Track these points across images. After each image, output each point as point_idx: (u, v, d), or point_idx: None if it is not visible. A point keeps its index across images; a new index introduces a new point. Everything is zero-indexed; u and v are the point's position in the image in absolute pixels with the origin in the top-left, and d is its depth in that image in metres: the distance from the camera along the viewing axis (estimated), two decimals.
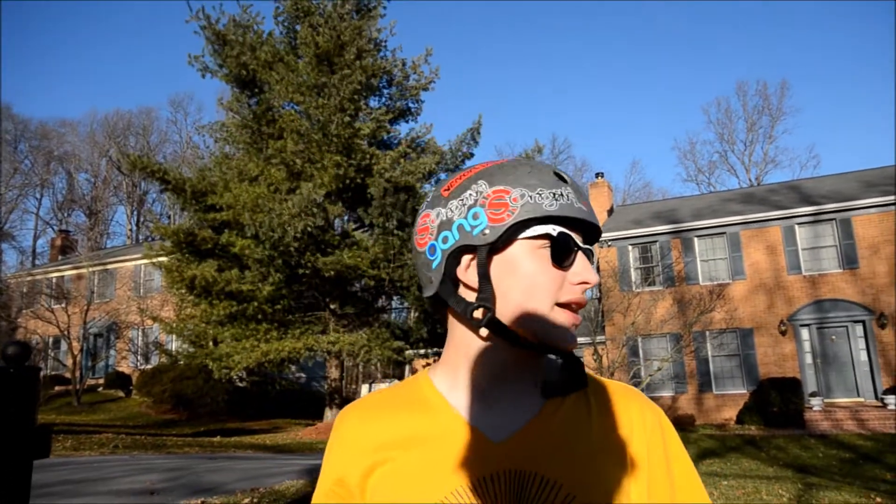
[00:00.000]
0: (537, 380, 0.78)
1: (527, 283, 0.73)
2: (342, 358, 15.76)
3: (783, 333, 16.76)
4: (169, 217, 38.97)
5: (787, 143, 52.06)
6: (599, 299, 17.56)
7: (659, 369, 12.40)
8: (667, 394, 17.53)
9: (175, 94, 64.68)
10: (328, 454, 0.81)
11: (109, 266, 27.02)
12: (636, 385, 13.21)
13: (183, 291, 15.04)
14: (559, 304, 0.73)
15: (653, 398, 17.38)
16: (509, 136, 70.89)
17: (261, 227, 13.07)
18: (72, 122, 47.76)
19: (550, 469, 0.72)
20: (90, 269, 26.54)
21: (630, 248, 18.86)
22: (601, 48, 68.93)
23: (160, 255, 15.47)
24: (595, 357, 12.18)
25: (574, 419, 0.77)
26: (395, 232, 14.13)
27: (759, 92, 44.76)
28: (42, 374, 23.90)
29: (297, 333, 14.29)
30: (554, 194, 0.74)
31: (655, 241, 18.57)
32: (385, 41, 16.65)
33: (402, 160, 14.81)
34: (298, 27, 15.89)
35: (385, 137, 16.37)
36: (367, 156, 14.52)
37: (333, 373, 16.22)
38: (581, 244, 0.76)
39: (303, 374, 24.08)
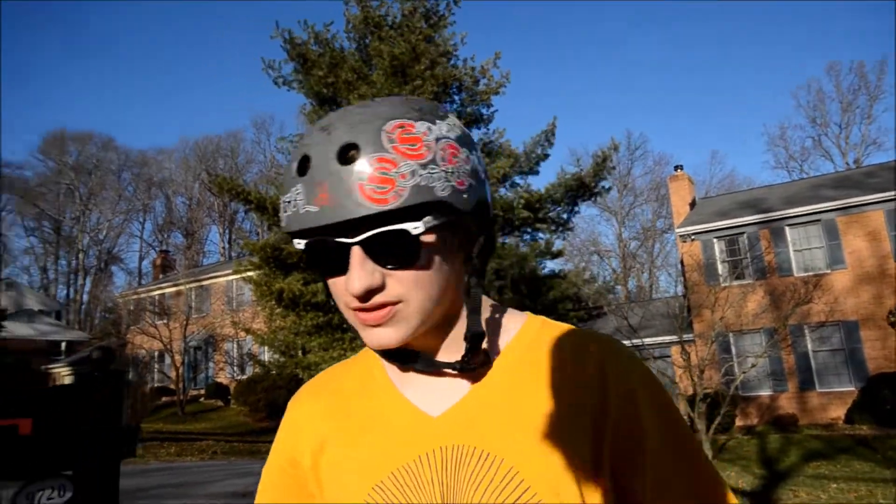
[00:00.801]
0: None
1: (330, 288, 0.71)
2: None
3: (893, 325, 15.54)
4: (258, 234, 40.77)
5: (889, 123, 48.47)
6: (685, 295, 16.90)
7: (753, 366, 11.75)
8: (765, 392, 16.62)
9: (257, 116, 67.90)
10: (279, 434, 0.83)
11: (204, 282, 28.56)
12: (728, 384, 12.61)
13: (272, 304, 15.66)
14: (354, 308, 0.68)
15: (749, 398, 16.58)
16: (583, 134, 69.68)
17: None
18: (167, 150, 50.81)
19: (490, 442, 0.69)
20: (188, 286, 28.13)
21: (715, 241, 18.06)
22: (675, 38, 66.64)
23: (249, 271, 16.20)
24: (683, 355, 11.72)
25: (520, 385, 0.73)
26: None
27: (854, 70, 41.95)
28: (150, 386, 25.50)
29: None
30: (286, 204, 0.67)
31: (742, 233, 17.70)
32: (456, 49, 16.79)
33: None
34: (368, 40, 16.26)
35: None
36: None
37: None
38: (349, 240, 0.65)
39: None
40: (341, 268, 0.67)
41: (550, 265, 16.65)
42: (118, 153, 46.85)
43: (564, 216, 16.53)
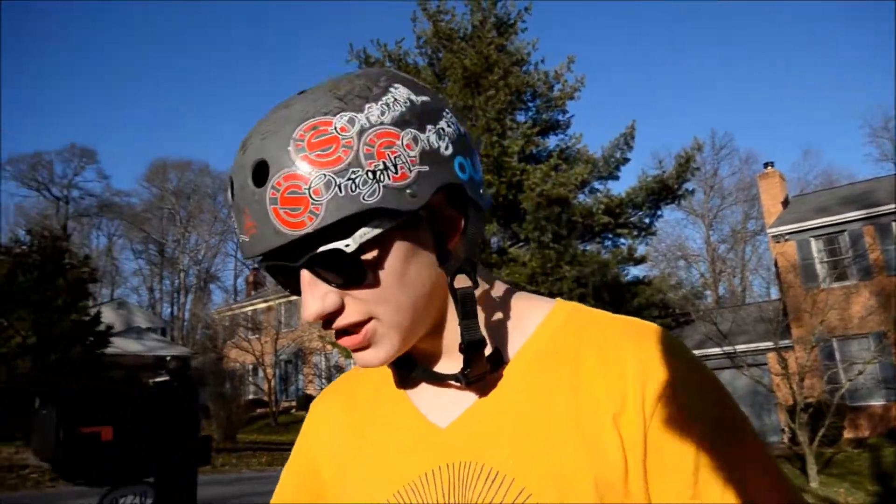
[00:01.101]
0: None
1: None
2: None
3: None
4: None
5: None
6: (780, 299, 15.97)
7: (860, 373, 10.93)
8: (877, 402, 15.39)
9: None
10: (299, 437, 0.80)
11: (293, 297, 29.56)
12: (833, 393, 11.76)
13: None
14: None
15: (859, 407, 15.38)
16: (665, 136, 67.53)
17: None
18: None
19: (499, 459, 0.61)
20: (277, 302, 29.29)
21: (812, 240, 16.97)
22: (760, 31, 63.56)
23: None
24: (780, 362, 11.05)
25: (536, 390, 0.63)
26: (551, 245, 14.05)
27: None
28: (244, 398, 26.67)
29: None
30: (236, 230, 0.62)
31: (843, 230, 16.55)
32: (528, 56, 16.73)
33: (553, 173, 14.73)
34: (440, 54, 16.49)
35: (534, 151, 16.40)
36: (518, 172, 14.63)
37: None
38: (292, 264, 0.59)
39: None
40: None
41: (634, 271, 16.26)
42: (213, 177, 49.43)
43: (647, 220, 16.05)
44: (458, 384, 0.65)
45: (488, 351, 0.64)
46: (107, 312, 20.65)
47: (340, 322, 0.60)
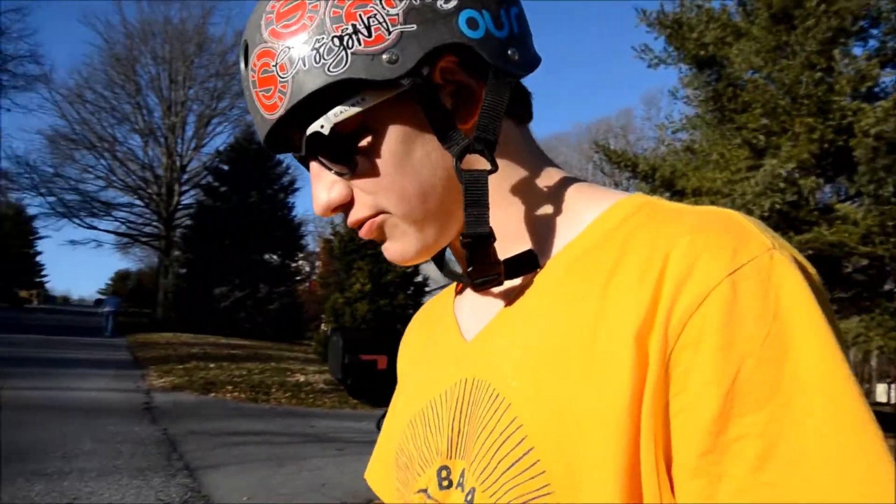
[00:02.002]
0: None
1: None
2: None
3: None
4: None
5: None
6: None
7: None
8: None
9: (646, 92, 67.20)
10: None
11: None
12: None
13: None
14: None
15: None
16: None
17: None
18: (563, 135, 54.21)
19: (503, 380, 0.53)
20: None
21: None
22: None
23: None
24: None
25: (564, 302, 0.52)
26: (892, 200, 11.72)
27: None
28: None
29: None
30: None
31: None
32: None
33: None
34: None
35: (872, 88, 13.70)
36: (848, 113, 12.43)
37: None
38: (298, 154, 0.56)
39: None
40: None
41: None
42: None
43: None
44: (496, 292, 0.58)
45: (520, 249, 0.55)
46: (425, 265, 23.37)
47: (352, 217, 0.57)
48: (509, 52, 0.54)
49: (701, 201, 13.19)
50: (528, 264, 0.55)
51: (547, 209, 0.58)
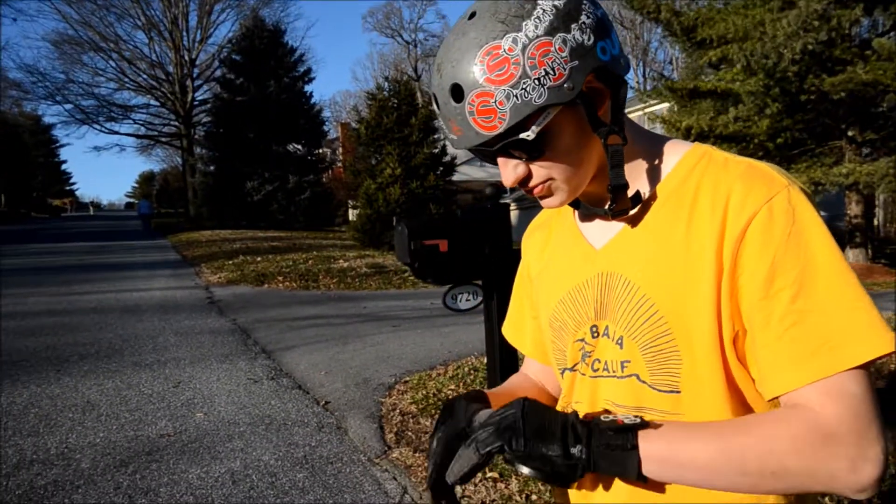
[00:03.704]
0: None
1: None
2: (865, 192, 13.75)
3: None
4: (671, 63, 38.99)
5: None
6: None
7: None
8: None
9: None
10: (521, 261, 1.12)
11: None
12: None
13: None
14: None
15: None
16: None
17: (752, 56, 12.12)
18: None
19: (632, 272, 0.83)
20: None
21: None
22: None
23: (660, 102, 15.96)
24: None
25: (663, 221, 0.83)
26: None
27: None
28: None
29: (802, 168, 13.11)
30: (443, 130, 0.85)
31: None
32: None
33: None
34: None
35: None
36: None
37: (854, 209, 14.35)
38: (491, 149, 0.80)
39: (824, 213, 21.93)
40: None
41: None
42: None
43: None
44: (617, 218, 0.88)
45: (631, 192, 0.84)
46: (451, 148, 23.16)
47: (530, 185, 0.84)
48: (621, 61, 0.81)
49: (730, 50, 12.69)
50: (637, 201, 0.85)
51: (644, 164, 0.88)
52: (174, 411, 4.50)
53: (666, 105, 15.64)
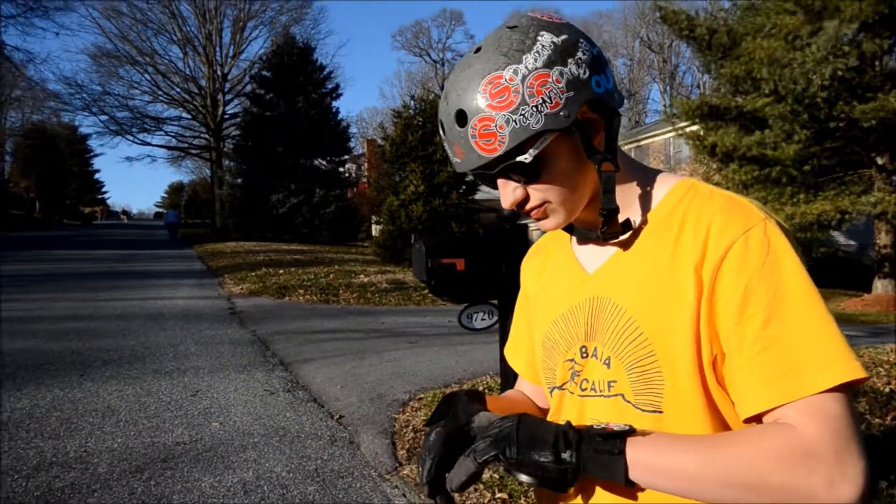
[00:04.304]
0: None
1: None
2: (894, 221, 13.50)
3: None
4: (699, 86, 38.84)
5: None
6: None
7: None
8: None
9: None
10: (521, 282, 1.16)
11: (643, 142, 29.18)
12: None
13: (706, 159, 15.28)
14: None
15: None
16: None
17: (780, 81, 12.05)
18: (608, 13, 51.31)
19: (620, 296, 0.88)
20: (626, 146, 29.18)
21: None
22: None
23: (687, 125, 15.92)
24: None
25: (651, 248, 0.88)
26: None
27: None
28: None
29: (830, 195, 12.92)
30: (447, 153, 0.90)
31: None
32: None
33: None
34: None
35: None
36: None
37: (883, 238, 14.09)
38: (490, 172, 0.85)
39: (852, 242, 21.52)
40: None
41: None
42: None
43: None
44: (603, 242, 0.92)
45: (622, 218, 0.90)
46: None
47: (527, 207, 0.89)
48: (615, 95, 0.87)
49: (760, 69, 12.55)
50: (627, 226, 0.90)
51: (635, 191, 0.93)
52: (191, 419, 4.56)
53: (696, 127, 15.57)
